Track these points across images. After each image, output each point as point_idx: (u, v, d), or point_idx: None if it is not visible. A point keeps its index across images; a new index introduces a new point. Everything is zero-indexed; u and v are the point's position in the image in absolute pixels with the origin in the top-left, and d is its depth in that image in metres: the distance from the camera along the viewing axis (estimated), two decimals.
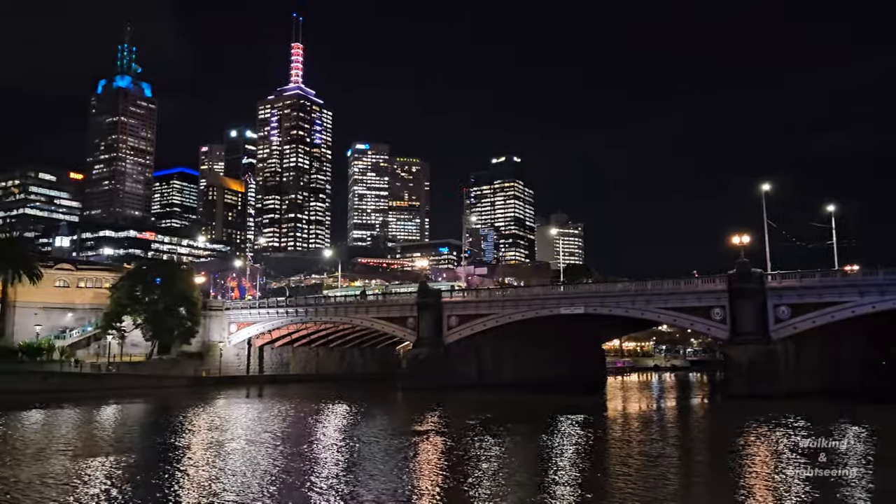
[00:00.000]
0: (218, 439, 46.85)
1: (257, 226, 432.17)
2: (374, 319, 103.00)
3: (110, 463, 36.38)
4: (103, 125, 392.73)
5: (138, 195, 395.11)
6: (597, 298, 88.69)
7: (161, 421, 58.24)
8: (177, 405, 69.78)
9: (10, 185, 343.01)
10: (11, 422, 55.15)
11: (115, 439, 47.45)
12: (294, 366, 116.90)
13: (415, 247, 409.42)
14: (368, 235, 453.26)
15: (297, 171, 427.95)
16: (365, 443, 44.60)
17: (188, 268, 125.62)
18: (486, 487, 30.25)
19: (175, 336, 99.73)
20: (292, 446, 42.75)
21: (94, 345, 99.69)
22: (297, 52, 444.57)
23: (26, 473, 33.37)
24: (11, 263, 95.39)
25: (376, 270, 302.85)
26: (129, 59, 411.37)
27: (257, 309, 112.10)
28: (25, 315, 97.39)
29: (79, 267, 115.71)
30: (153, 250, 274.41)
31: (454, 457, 39.08)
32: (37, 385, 78.79)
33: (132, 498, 28.41)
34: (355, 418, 60.31)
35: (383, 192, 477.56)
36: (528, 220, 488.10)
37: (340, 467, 35.82)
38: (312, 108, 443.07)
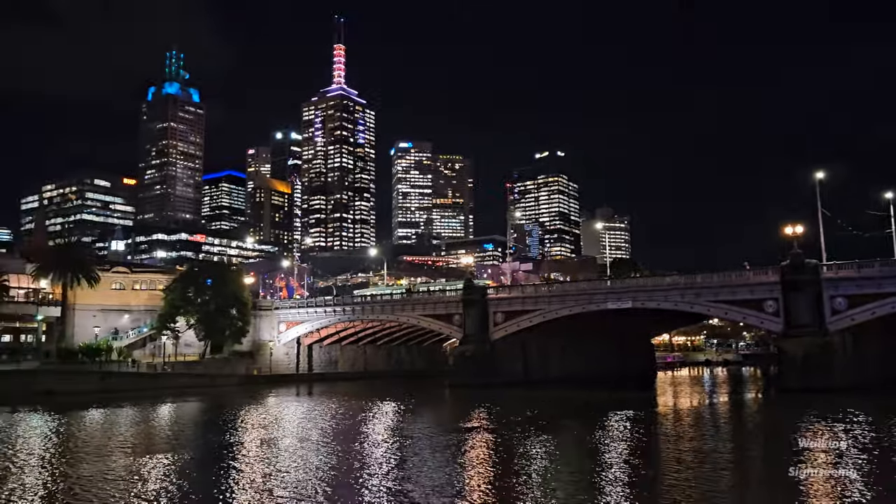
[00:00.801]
0: (270, 437, 47.71)
1: (304, 226, 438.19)
2: (420, 317, 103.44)
3: (168, 460, 37.40)
4: (154, 131, 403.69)
5: (189, 198, 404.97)
6: (645, 292, 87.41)
7: (215, 419, 59.56)
8: (230, 403, 71.25)
9: (68, 191, 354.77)
10: (74, 420, 57.16)
11: (172, 437, 48.75)
12: (342, 364, 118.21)
13: (459, 244, 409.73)
14: (413, 233, 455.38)
15: (341, 171, 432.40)
16: (413, 440, 44.88)
17: (238, 269, 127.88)
18: (535, 484, 30.16)
19: (227, 336, 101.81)
20: (342, 443, 43.26)
21: (150, 345, 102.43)
22: (340, 53, 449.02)
23: (89, 470, 34.56)
24: (71, 267, 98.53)
25: (421, 268, 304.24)
26: (178, 65, 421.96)
27: (305, 308, 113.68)
28: (84, 317, 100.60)
29: (134, 270, 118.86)
30: (204, 252, 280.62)
31: (502, 453, 39.05)
32: (96, 385, 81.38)
33: (189, 494, 29.17)
34: (403, 415, 60.72)
35: (427, 190, 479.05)
36: (572, 215, 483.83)
37: (390, 464, 36.13)
38: (355, 109, 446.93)
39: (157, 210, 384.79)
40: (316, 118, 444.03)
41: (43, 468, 35.98)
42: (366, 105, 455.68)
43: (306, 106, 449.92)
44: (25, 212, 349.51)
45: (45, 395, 74.11)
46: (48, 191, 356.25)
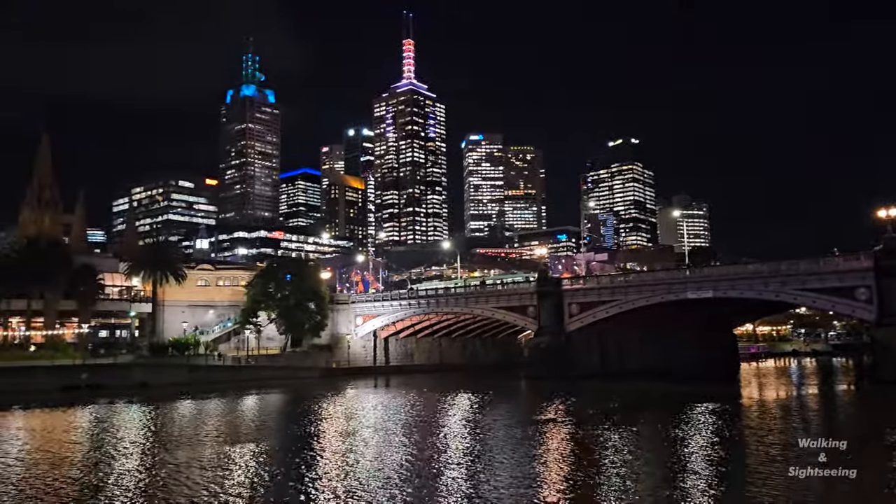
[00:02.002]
0: (350, 428, 48.80)
1: (377, 221, 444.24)
2: (495, 309, 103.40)
3: (254, 449, 38.85)
4: (233, 133, 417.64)
5: (267, 197, 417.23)
6: (726, 281, 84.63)
7: (297, 410, 61.33)
8: (310, 395, 73.17)
9: (155, 193, 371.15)
10: (166, 411, 60.03)
11: (257, 427, 50.55)
12: (418, 356, 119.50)
13: (532, 235, 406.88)
14: (485, 226, 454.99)
15: (413, 166, 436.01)
16: (490, 432, 45.04)
17: (315, 264, 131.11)
18: (614, 478, 29.77)
19: (306, 329, 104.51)
20: (420, 435, 43.84)
21: (234, 339, 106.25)
22: (409, 48, 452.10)
23: (181, 457, 36.31)
24: (159, 266, 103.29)
25: (494, 260, 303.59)
26: (254, 68, 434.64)
27: (380, 302, 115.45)
28: (173, 313, 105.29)
29: (217, 267, 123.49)
30: (282, 249, 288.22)
31: (580, 446, 38.74)
32: (185, 377, 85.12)
33: (275, 482, 30.29)
34: (479, 407, 60.94)
35: (498, 182, 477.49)
36: (648, 203, 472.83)
37: (467, 456, 36.36)
38: (425, 103, 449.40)
39: (238, 209, 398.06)
40: (387, 114, 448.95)
41: (142, 455, 38.01)
42: (435, 99, 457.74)
43: (377, 102, 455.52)
44: (117, 214, 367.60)
45: (140, 387, 78.22)
46: (137, 193, 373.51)
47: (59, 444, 43.30)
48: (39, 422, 55.38)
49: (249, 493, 28.33)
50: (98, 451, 39.57)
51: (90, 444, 42.55)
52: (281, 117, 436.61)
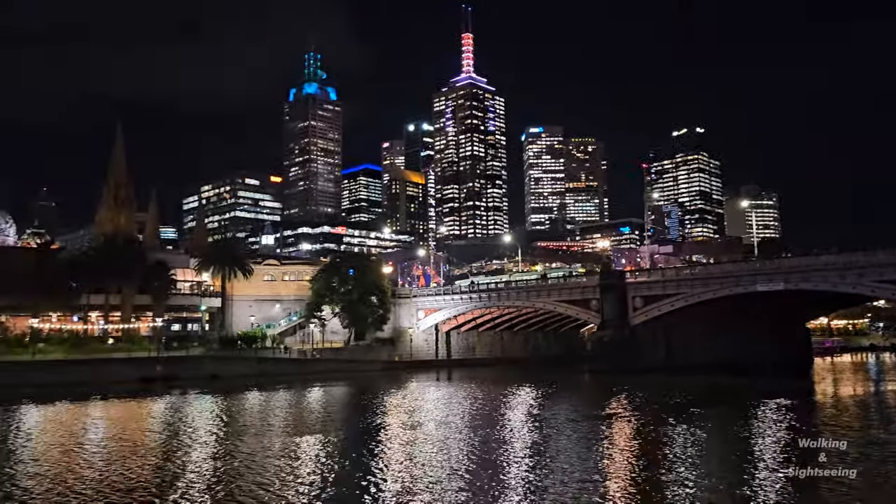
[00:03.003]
0: (413, 421, 49.26)
1: (438, 215, 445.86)
2: (556, 302, 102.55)
3: (321, 440, 39.68)
4: (296, 130, 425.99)
5: (329, 193, 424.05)
6: (798, 273, 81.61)
7: (361, 402, 62.28)
8: (374, 388, 74.20)
9: (223, 191, 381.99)
10: (235, 402, 61.87)
11: (323, 419, 51.57)
12: (480, 350, 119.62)
13: (594, 228, 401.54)
14: (546, 219, 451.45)
15: (473, 160, 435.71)
16: (554, 426, 44.76)
17: (377, 259, 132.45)
18: (681, 476, 29.15)
19: (369, 323, 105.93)
20: (483, 428, 43.89)
21: (300, 332, 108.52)
22: (468, 42, 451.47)
23: (250, 447, 37.40)
24: (228, 262, 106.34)
25: (556, 253, 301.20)
26: (315, 66, 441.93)
27: (442, 296, 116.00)
28: (241, 307, 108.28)
29: (282, 262, 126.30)
30: (345, 244, 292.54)
31: (645, 442, 38.12)
32: (253, 370, 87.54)
33: (341, 471, 30.88)
34: (542, 401, 60.63)
35: (559, 175, 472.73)
36: (714, 194, 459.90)
37: (530, 450, 36.25)
38: (485, 97, 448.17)
39: (302, 205, 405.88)
40: (447, 108, 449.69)
41: (214, 444, 39.33)
42: (495, 92, 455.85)
43: (437, 97, 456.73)
44: (187, 211, 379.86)
45: (211, 379, 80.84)
46: (206, 191, 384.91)
47: (137, 432, 45.22)
48: (118, 411, 57.92)
49: (317, 482, 28.95)
50: (173, 439, 41.16)
51: (166, 433, 44.27)
52: (342, 114, 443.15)
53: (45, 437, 43.20)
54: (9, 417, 51.44)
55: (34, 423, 49.65)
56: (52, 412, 55.81)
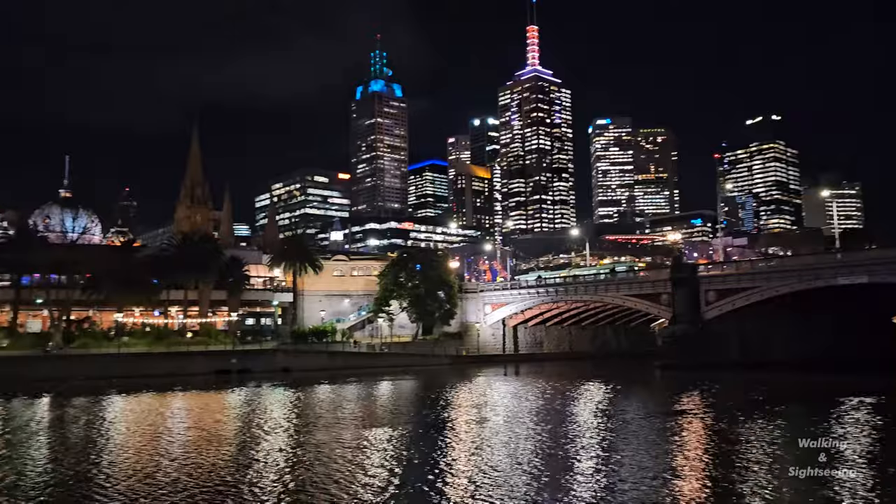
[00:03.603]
0: (481, 415, 49.28)
1: (504, 210, 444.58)
2: (625, 297, 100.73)
3: (389, 433, 40.21)
4: (363, 128, 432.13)
5: (396, 189, 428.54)
6: (883, 265, 77.47)
7: (429, 396, 62.72)
8: (441, 382, 74.60)
9: (293, 189, 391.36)
10: (306, 395, 63.32)
11: (392, 412, 52.21)
12: (547, 344, 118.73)
13: (665, 220, 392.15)
14: (615, 212, 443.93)
15: (539, 153, 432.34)
16: (624, 422, 44.07)
17: (443, 254, 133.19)
18: (756, 477, 28.16)
19: (436, 318, 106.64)
20: (551, 424, 43.59)
21: (368, 327, 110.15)
22: (533, 34, 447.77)
23: (322, 438, 38.24)
24: (299, 257, 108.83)
25: (625, 247, 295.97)
26: (381, 64, 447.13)
27: (508, 290, 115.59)
28: (311, 301, 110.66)
29: (351, 258, 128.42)
30: (411, 239, 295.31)
31: (719, 440, 37.07)
32: (324, 363, 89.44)
33: (410, 464, 31.22)
34: (612, 397, 59.72)
35: (628, 166, 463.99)
36: (792, 184, 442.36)
37: (600, 446, 35.77)
38: (550, 89, 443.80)
39: (369, 201, 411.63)
40: (512, 102, 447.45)
41: (287, 435, 40.42)
42: (561, 84, 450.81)
43: (502, 90, 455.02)
44: (259, 209, 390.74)
45: (283, 372, 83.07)
46: (277, 189, 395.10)
47: (215, 422, 46.91)
48: (196, 402, 60.17)
49: (387, 475, 29.35)
50: (248, 429, 42.50)
51: (241, 424, 45.74)
52: (408, 110, 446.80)
53: (131, 425, 45.32)
54: (98, 407, 54.22)
55: (120, 413, 52.14)
56: (137, 402, 58.42)
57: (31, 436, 40.88)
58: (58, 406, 55.53)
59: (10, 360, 76.10)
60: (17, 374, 71.61)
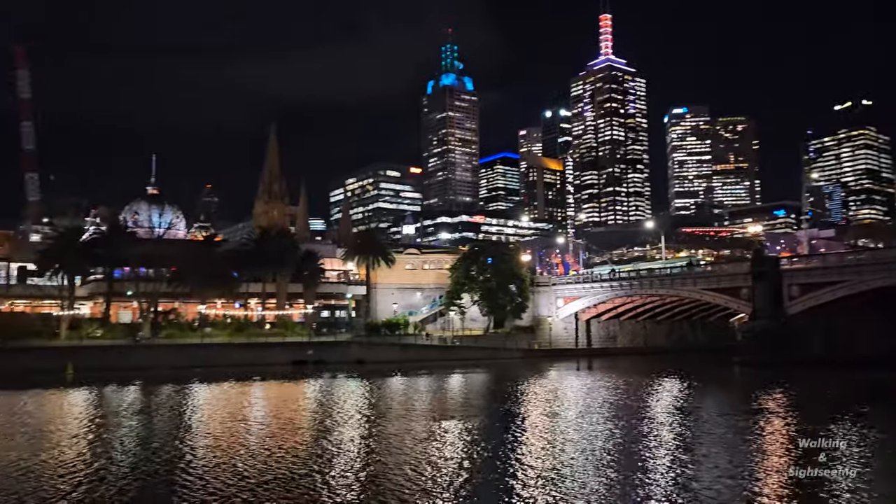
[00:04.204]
0: (553, 409, 49.04)
1: (577, 202, 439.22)
2: (703, 291, 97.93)
3: (461, 425, 40.52)
4: (434, 122, 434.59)
5: (467, 182, 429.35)
6: None
7: (501, 389, 62.81)
8: (512, 375, 74.52)
9: (366, 183, 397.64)
10: (380, 386, 64.48)
11: (464, 404, 52.56)
12: (621, 339, 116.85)
13: (745, 212, 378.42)
14: (692, 203, 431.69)
15: (612, 144, 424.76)
16: (700, 420, 43.02)
17: (515, 247, 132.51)
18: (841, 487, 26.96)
19: (507, 311, 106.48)
20: (625, 420, 42.92)
21: (440, 320, 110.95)
22: (606, 23, 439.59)
23: (395, 429, 38.90)
24: (372, 251, 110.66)
25: (702, 239, 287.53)
26: (452, 57, 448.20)
27: (581, 284, 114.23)
28: (384, 294, 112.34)
29: (423, 251, 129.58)
30: (483, 232, 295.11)
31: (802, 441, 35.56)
32: (397, 355, 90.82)
33: (482, 456, 31.41)
34: (688, 394, 58.27)
35: (706, 157, 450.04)
36: (884, 172, 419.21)
37: (676, 444, 35.02)
38: (624, 79, 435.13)
39: (440, 195, 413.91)
40: (584, 93, 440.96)
41: (361, 425, 41.31)
42: (635, 74, 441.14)
43: (574, 81, 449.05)
44: (333, 203, 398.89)
45: (357, 364, 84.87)
46: (350, 184, 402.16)
47: (292, 412, 48.40)
48: (274, 392, 62.19)
49: (459, 466, 29.61)
50: (324, 419, 43.68)
51: (317, 413, 47.04)
52: (479, 103, 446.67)
53: (214, 413, 47.27)
54: (183, 395, 56.77)
55: (204, 401, 54.43)
56: (219, 391, 60.83)
57: (123, 421, 43.20)
58: (146, 393, 58.42)
59: (104, 349, 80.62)
60: (110, 362, 75.83)
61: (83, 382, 64.41)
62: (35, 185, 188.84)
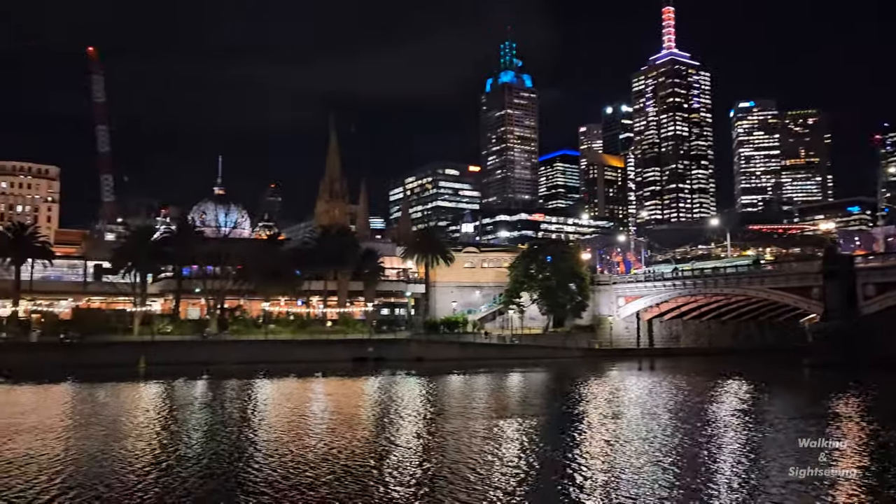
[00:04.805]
0: (613, 410, 48.33)
1: (638, 199, 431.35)
2: (771, 290, 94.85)
3: (521, 424, 40.39)
4: (492, 120, 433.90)
5: (526, 180, 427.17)
6: None
7: (561, 389, 62.33)
8: (572, 375, 73.82)
9: (425, 182, 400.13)
10: (439, 384, 64.80)
11: (523, 403, 52.42)
12: (685, 339, 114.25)
13: (816, 208, 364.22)
14: (759, 200, 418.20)
15: (675, 140, 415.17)
16: (768, 424, 41.63)
17: (575, 245, 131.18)
18: None
19: (567, 310, 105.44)
20: (689, 421, 41.97)
21: (499, 318, 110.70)
22: (669, 16, 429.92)
23: (455, 426, 39.06)
24: (430, 249, 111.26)
25: (770, 237, 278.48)
26: (511, 55, 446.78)
27: (643, 283, 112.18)
28: (443, 293, 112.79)
29: (482, 249, 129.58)
30: (542, 230, 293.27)
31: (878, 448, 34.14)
32: (456, 353, 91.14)
33: (541, 455, 31.23)
34: (756, 395, 56.52)
35: (774, 151, 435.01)
36: None
37: (743, 447, 33.99)
38: (688, 73, 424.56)
39: (499, 193, 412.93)
40: (647, 88, 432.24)
41: (421, 422, 41.63)
42: (699, 67, 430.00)
43: (636, 76, 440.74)
44: (393, 202, 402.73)
45: (416, 361, 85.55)
46: (410, 183, 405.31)
47: (353, 408, 49.16)
48: (336, 388, 63.26)
49: (519, 465, 29.51)
50: (384, 415, 44.22)
51: (378, 410, 47.66)
52: (538, 101, 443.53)
53: (278, 407, 48.44)
54: (248, 389, 58.35)
55: (268, 396, 55.82)
56: (282, 386, 62.27)
57: (192, 414, 44.70)
58: (214, 388, 60.29)
59: (173, 345, 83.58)
60: (179, 357, 78.57)
61: (155, 376, 66.96)
62: (110, 186, 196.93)
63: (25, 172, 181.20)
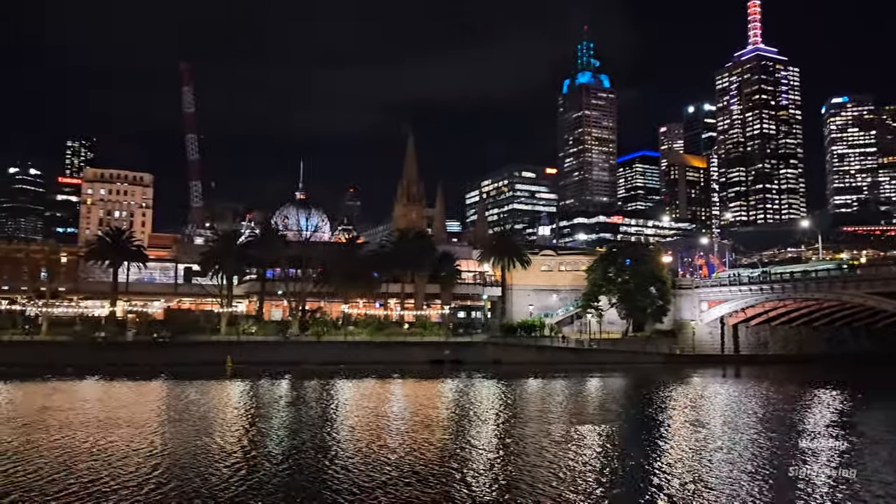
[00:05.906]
0: (695, 418, 46.97)
1: (722, 201, 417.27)
2: (867, 295, 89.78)
3: (599, 430, 39.81)
4: (570, 121, 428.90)
5: (604, 182, 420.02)
6: None
7: (640, 395, 60.95)
8: (653, 381, 72.00)
9: (501, 185, 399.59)
10: (516, 387, 64.50)
11: (602, 409, 51.55)
12: (772, 345, 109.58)
13: None
14: (854, 200, 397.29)
15: (762, 139, 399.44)
16: (862, 436, 39.59)
17: (655, 248, 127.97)
18: None
19: (647, 314, 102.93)
20: (776, 432, 40.33)
21: (577, 322, 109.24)
22: (754, 10, 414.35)
23: (532, 431, 38.88)
24: (507, 252, 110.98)
25: (866, 239, 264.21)
26: (588, 55, 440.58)
27: (727, 287, 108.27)
28: (519, 296, 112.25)
29: (559, 252, 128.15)
30: (621, 233, 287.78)
31: None
32: (533, 357, 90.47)
33: (620, 463, 30.71)
34: (849, 406, 53.70)
35: (870, 149, 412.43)
36: None
37: (832, 461, 32.47)
38: (775, 68, 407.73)
39: (577, 195, 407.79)
40: (731, 85, 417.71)
41: (497, 426, 41.67)
42: (787, 62, 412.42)
43: (719, 74, 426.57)
44: (469, 205, 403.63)
45: (493, 364, 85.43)
46: (486, 186, 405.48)
47: (430, 410, 49.54)
48: (414, 389, 63.89)
49: (597, 472, 29.15)
50: (462, 418, 44.41)
51: (455, 412, 47.87)
52: (616, 101, 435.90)
53: (357, 408, 49.39)
54: (329, 389, 59.73)
55: (348, 396, 56.96)
56: (361, 387, 63.39)
57: (276, 412, 46.13)
58: (296, 387, 62.02)
59: (257, 345, 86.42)
60: (263, 356, 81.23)
61: (240, 375, 69.46)
62: (198, 192, 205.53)
63: (122, 180, 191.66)
